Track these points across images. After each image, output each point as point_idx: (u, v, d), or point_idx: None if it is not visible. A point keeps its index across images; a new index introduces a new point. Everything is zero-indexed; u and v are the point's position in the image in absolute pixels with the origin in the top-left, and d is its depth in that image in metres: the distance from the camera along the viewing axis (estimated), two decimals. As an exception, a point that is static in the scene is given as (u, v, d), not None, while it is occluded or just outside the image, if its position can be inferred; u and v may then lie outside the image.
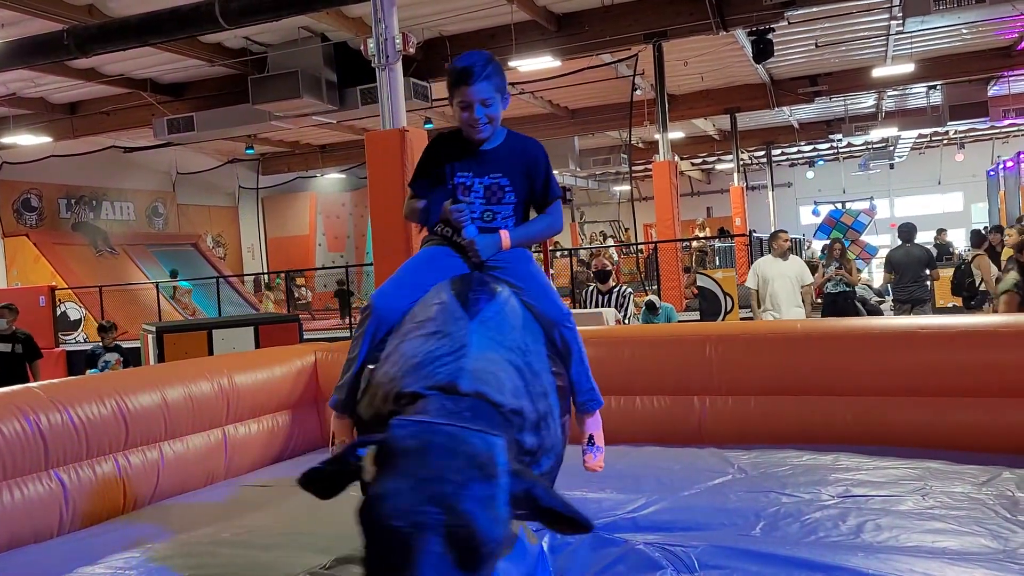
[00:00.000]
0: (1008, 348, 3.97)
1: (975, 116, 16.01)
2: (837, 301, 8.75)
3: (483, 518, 1.63)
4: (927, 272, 8.97)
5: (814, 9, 10.12)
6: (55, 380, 4.39)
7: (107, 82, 11.74)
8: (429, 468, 1.67)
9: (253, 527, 3.42)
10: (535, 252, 16.14)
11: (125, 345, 9.16)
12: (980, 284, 9.53)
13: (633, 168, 15.55)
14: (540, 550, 2.67)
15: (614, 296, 7.95)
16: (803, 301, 8.15)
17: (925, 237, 15.24)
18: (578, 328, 2.59)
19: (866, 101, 18.05)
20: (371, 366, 2.35)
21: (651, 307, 8.34)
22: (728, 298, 10.74)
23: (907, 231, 9.15)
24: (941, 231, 16.43)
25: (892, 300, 9.51)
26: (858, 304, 9.48)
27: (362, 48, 6.56)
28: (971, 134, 23.52)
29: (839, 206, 20.12)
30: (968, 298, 9.92)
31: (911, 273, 8.88)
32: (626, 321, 7.83)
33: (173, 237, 18.91)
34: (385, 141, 6.41)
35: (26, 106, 12.57)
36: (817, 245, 19.78)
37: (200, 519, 3.61)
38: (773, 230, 9.46)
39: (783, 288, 8.04)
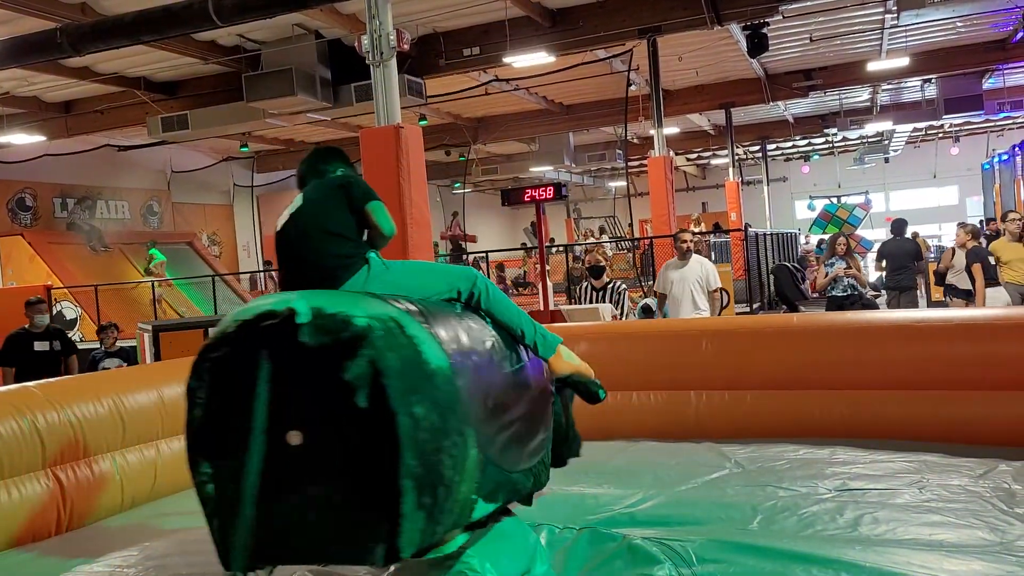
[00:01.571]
0: (1004, 341, 3.99)
1: (970, 109, 15.99)
2: (845, 306, 7.96)
3: None
4: (915, 264, 9.78)
5: (808, 3, 10.09)
6: (52, 379, 4.38)
7: (101, 80, 11.68)
8: None
9: (251, 525, 3.42)
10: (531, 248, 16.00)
11: (121, 344, 9.12)
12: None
13: (628, 164, 15.53)
14: (538, 544, 2.67)
15: (608, 292, 7.95)
16: (710, 306, 7.21)
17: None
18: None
19: (861, 95, 18.03)
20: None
21: (647, 311, 8.03)
22: (724, 293, 10.76)
23: (898, 226, 10.07)
24: (914, 235, 16.73)
25: (883, 288, 10.28)
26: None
27: (356, 45, 6.53)
28: (966, 127, 23.53)
29: (834, 200, 20.12)
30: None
31: (900, 264, 9.62)
32: (622, 317, 7.84)
33: (168, 235, 18.83)
34: (380, 138, 6.40)
35: (20, 105, 12.52)
36: (814, 240, 19.77)
37: (198, 517, 3.60)
38: (677, 230, 8.54)
39: (681, 292, 7.25)
